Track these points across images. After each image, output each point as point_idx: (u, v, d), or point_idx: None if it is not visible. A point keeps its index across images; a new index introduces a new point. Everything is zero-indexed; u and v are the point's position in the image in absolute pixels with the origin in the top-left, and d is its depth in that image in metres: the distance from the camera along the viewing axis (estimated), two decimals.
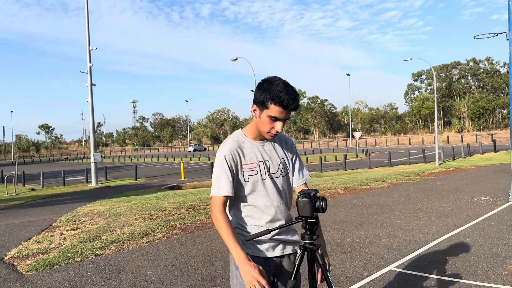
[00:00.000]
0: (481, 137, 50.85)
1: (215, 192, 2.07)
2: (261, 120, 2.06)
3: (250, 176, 2.12)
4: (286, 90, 2.02)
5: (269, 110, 2.02)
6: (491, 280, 4.28)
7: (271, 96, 2.00)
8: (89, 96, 22.87)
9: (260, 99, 2.04)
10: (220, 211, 2.05)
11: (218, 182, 2.07)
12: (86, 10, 22.96)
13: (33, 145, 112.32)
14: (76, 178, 28.01)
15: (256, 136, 2.16)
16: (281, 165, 2.21)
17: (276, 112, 2.02)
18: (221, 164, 2.07)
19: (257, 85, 2.11)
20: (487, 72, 79.81)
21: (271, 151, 2.19)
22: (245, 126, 2.22)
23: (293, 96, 2.02)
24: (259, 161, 2.13)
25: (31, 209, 12.29)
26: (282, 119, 2.05)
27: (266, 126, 2.07)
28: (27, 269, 5.33)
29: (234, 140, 2.12)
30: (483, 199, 9.48)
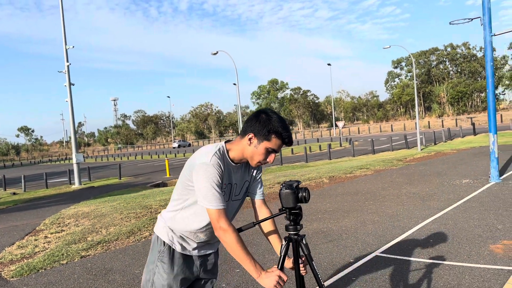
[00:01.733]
0: (461, 121, 51.82)
1: (218, 204, 1.98)
2: (258, 150, 2.07)
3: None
4: (286, 127, 2.08)
5: (270, 142, 2.05)
6: (474, 260, 4.38)
7: (275, 131, 2.04)
8: (68, 96, 22.47)
9: (263, 131, 2.04)
10: (230, 224, 2.02)
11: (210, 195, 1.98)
12: (61, 8, 22.47)
13: (13, 148, 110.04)
14: (59, 180, 27.59)
15: (236, 159, 2.13)
16: (244, 188, 2.26)
17: (276, 146, 2.07)
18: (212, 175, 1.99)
19: (254, 114, 2.11)
20: (464, 57, 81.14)
21: (240, 175, 2.20)
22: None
23: (291, 134, 2.11)
24: (228, 183, 2.13)
25: (13, 213, 12.07)
26: (278, 151, 2.12)
27: (261, 157, 2.08)
28: (11, 274, 5.23)
29: (221, 159, 2.06)
30: (464, 181, 9.68)
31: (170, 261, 2.18)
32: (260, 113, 2.10)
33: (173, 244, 2.20)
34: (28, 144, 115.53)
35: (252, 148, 2.08)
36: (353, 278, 4.18)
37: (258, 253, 5.28)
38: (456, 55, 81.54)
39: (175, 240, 2.21)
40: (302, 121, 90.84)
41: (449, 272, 4.11)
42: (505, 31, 9.85)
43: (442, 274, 4.08)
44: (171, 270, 2.17)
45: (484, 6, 9.44)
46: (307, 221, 6.81)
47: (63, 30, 22.44)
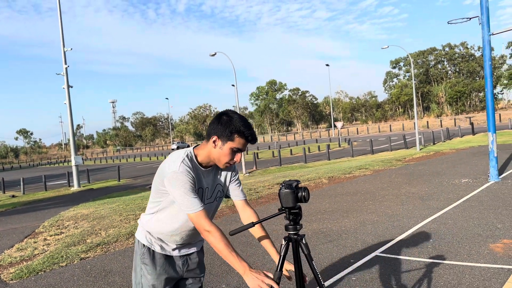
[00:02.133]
0: (459, 120, 51.88)
1: (196, 207, 2.02)
2: (223, 151, 2.11)
3: None
4: (248, 125, 2.13)
5: (233, 142, 2.09)
6: (474, 259, 4.38)
7: (237, 130, 2.08)
8: (67, 98, 22.45)
9: (225, 132, 2.09)
10: (212, 224, 2.04)
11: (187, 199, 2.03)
12: (59, 11, 22.47)
13: (12, 151, 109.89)
14: (58, 182, 27.54)
15: (204, 163, 2.18)
16: (218, 191, 2.28)
17: (240, 145, 2.11)
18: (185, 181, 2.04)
19: (215, 117, 2.15)
20: (462, 56, 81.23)
21: (211, 178, 2.24)
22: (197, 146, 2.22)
23: (253, 130, 2.16)
24: (199, 187, 2.16)
25: (12, 216, 12.04)
26: (243, 150, 2.15)
27: (227, 157, 2.12)
28: (11, 277, 5.22)
29: (191, 163, 2.11)
30: (464, 181, 9.68)
31: (152, 262, 2.24)
32: (221, 115, 2.14)
33: (152, 245, 2.25)
34: (27, 146, 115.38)
35: (217, 150, 2.12)
36: (353, 278, 4.18)
37: (258, 254, 5.28)
38: (454, 55, 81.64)
39: (153, 241, 2.26)
40: (301, 121, 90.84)
41: (449, 272, 4.11)
42: (503, 30, 9.87)
43: (442, 273, 4.08)
44: (154, 271, 2.23)
45: (482, 6, 9.46)
46: (306, 221, 6.81)
47: (61, 33, 22.44)
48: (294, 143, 50.48)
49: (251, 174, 21.75)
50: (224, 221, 7.48)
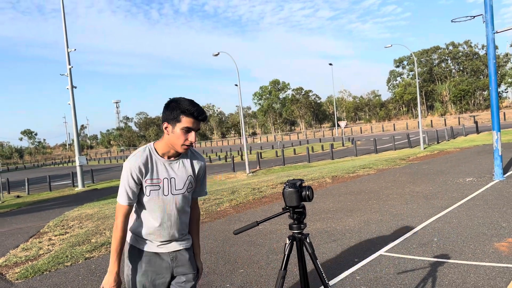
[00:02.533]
0: (463, 119, 51.68)
1: (121, 200, 2.20)
2: (175, 134, 2.18)
3: (151, 191, 2.22)
4: (193, 103, 2.20)
5: (181, 123, 2.16)
6: (479, 258, 4.37)
7: (181, 110, 2.16)
8: (71, 98, 22.54)
9: (172, 115, 2.18)
10: (121, 220, 2.20)
11: (121, 192, 2.20)
12: (62, 12, 22.55)
13: (16, 151, 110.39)
14: (62, 182, 27.65)
15: (165, 153, 2.25)
16: (188, 182, 2.31)
17: (188, 123, 2.16)
18: (127, 175, 2.18)
19: (164, 106, 2.23)
20: (466, 55, 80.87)
21: (179, 169, 2.28)
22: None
23: (200, 108, 2.21)
24: (164, 178, 2.23)
25: (17, 216, 12.11)
26: (194, 129, 2.19)
27: (180, 139, 2.18)
28: (16, 277, 5.25)
29: (143, 156, 2.21)
30: (468, 180, 9.65)
31: (138, 260, 2.29)
32: (169, 102, 2.22)
33: (138, 243, 2.30)
34: (32, 147, 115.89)
35: (171, 135, 2.19)
36: (358, 277, 4.18)
37: (262, 253, 5.28)
38: (458, 53, 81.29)
39: (139, 239, 2.31)
40: (304, 121, 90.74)
41: (454, 271, 4.09)
42: (508, 28, 9.82)
43: (447, 272, 4.07)
44: (140, 268, 2.28)
45: (486, 4, 9.41)
46: (310, 221, 6.80)
47: (64, 33, 22.51)
48: (298, 142, 50.44)
49: (255, 174, 21.75)
50: (227, 221, 7.49)
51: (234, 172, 24.00)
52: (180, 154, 2.28)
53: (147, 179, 2.20)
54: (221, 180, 19.92)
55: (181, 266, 2.35)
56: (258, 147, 49.54)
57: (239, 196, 10.12)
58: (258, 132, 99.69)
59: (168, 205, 2.24)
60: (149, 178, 2.20)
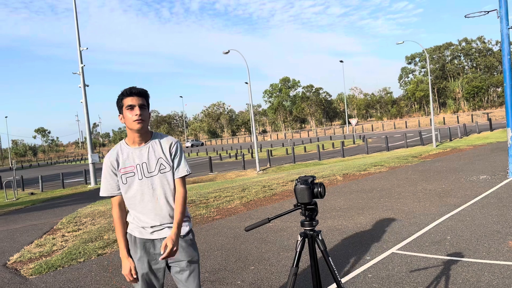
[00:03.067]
0: (476, 116, 50.99)
1: (101, 193, 2.50)
2: (125, 117, 2.43)
3: (127, 178, 2.45)
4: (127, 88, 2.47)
5: (124, 105, 2.43)
6: (493, 257, 4.31)
7: (120, 96, 2.46)
8: (83, 97, 22.75)
9: (118, 105, 2.48)
10: (113, 211, 2.49)
11: (102, 185, 2.49)
12: (75, 11, 22.75)
13: (30, 149, 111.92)
14: (75, 180, 27.96)
15: (133, 142, 2.49)
16: (159, 164, 2.47)
17: (128, 101, 2.42)
18: (104, 170, 2.48)
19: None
20: (479, 51, 79.77)
21: (148, 153, 2.47)
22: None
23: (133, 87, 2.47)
24: (136, 164, 2.45)
25: (31, 213, 12.28)
26: (136, 104, 2.42)
27: (129, 118, 2.41)
28: (30, 272, 5.33)
29: (114, 150, 2.50)
30: (482, 177, 9.52)
31: (134, 247, 2.47)
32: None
33: (132, 231, 2.49)
34: (45, 145, 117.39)
35: (124, 120, 2.45)
36: (369, 275, 4.15)
37: (273, 250, 5.28)
38: (471, 49, 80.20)
39: (133, 227, 2.50)
40: (315, 119, 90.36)
41: (468, 269, 4.04)
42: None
43: (460, 271, 4.02)
44: (135, 255, 2.46)
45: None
46: (321, 218, 6.78)
47: (77, 32, 22.72)
48: (308, 140, 50.28)
49: (265, 172, 21.75)
50: (238, 218, 7.50)
51: (244, 169, 24.03)
52: (149, 139, 2.49)
53: (120, 168, 2.44)
54: (232, 178, 19.96)
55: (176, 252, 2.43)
56: (268, 145, 49.53)
57: (250, 194, 10.13)
58: (268, 130, 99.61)
59: (146, 188, 2.43)
60: (122, 167, 2.44)
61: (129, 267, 2.42)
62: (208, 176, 20.88)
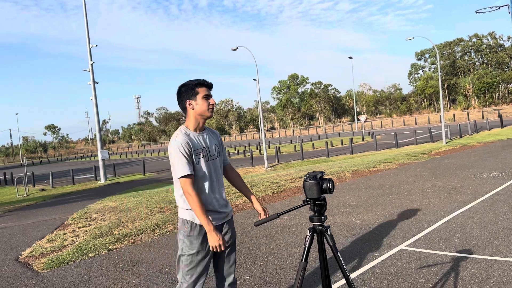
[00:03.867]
0: (487, 113, 50.45)
1: (181, 173, 2.52)
2: (199, 104, 2.65)
3: (200, 159, 2.63)
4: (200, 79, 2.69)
5: (200, 93, 2.65)
6: (503, 254, 4.28)
7: (195, 84, 2.66)
8: (93, 94, 22.93)
9: (190, 93, 2.65)
10: (192, 189, 2.53)
11: (181, 165, 2.53)
12: (84, 8, 22.90)
13: (41, 146, 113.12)
14: (85, 176, 28.22)
15: (196, 128, 2.70)
16: (216, 150, 2.77)
17: (206, 91, 2.67)
18: (179, 151, 2.55)
19: (177, 93, 2.71)
20: (490, 47, 78.72)
21: (208, 140, 2.74)
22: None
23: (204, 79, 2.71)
24: (203, 147, 2.67)
25: (42, 209, 12.44)
26: (211, 95, 2.70)
27: (205, 105, 2.65)
28: (42, 267, 5.41)
29: (184, 133, 2.64)
30: (492, 174, 9.44)
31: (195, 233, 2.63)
32: (180, 88, 2.70)
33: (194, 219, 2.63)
34: (55, 141, 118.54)
35: (196, 107, 2.65)
36: (378, 271, 4.15)
37: (281, 246, 5.30)
38: (482, 45, 79.20)
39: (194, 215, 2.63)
40: (323, 115, 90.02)
41: (477, 266, 4.03)
42: None
43: (470, 267, 4.01)
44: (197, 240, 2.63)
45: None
46: (329, 215, 6.78)
47: (86, 30, 22.88)
48: (317, 137, 50.17)
49: (273, 168, 21.76)
50: (247, 214, 7.53)
51: (252, 166, 24.06)
52: (205, 129, 2.74)
53: (194, 149, 2.60)
54: (240, 175, 20.02)
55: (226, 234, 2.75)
56: (277, 141, 49.50)
57: (258, 190, 10.15)
58: (277, 126, 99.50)
59: (211, 169, 2.68)
60: (194, 149, 2.60)
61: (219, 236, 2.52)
62: None
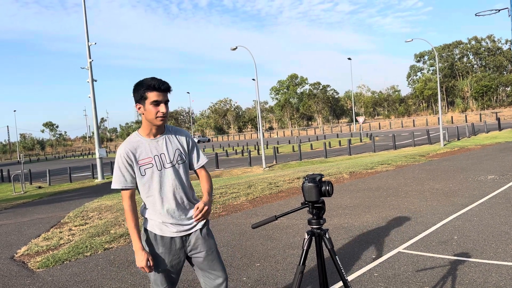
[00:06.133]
0: (485, 116, 50.55)
1: (113, 185, 2.42)
2: (147, 110, 2.35)
3: (146, 170, 2.41)
4: (154, 79, 2.36)
5: (148, 99, 2.34)
6: (501, 258, 4.27)
7: (145, 87, 2.34)
8: (91, 92, 22.86)
9: (139, 95, 2.36)
10: (126, 203, 2.41)
11: (116, 177, 2.40)
12: (83, 6, 22.83)
13: (38, 143, 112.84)
14: (82, 174, 28.14)
15: (150, 133, 2.44)
16: (177, 155, 2.49)
17: (154, 96, 2.33)
18: (118, 162, 2.40)
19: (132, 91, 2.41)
20: (489, 50, 78.98)
21: (166, 145, 2.46)
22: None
23: (161, 80, 2.37)
24: (154, 155, 2.42)
25: (39, 206, 12.38)
26: (162, 100, 2.36)
27: (152, 113, 2.35)
28: (37, 265, 5.37)
29: (129, 142, 2.43)
30: (490, 177, 9.44)
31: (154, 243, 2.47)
32: (134, 86, 2.40)
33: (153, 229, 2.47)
34: (53, 139, 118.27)
35: (145, 113, 2.37)
36: (375, 274, 4.13)
37: (279, 247, 5.27)
38: (481, 48, 79.41)
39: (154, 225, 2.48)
40: (322, 116, 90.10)
41: (475, 270, 4.01)
42: None
43: (467, 271, 3.99)
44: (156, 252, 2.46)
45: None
46: (327, 216, 6.76)
47: (85, 27, 22.81)
48: (315, 137, 50.17)
49: (271, 168, 21.74)
50: (244, 215, 7.50)
51: (250, 166, 24.03)
52: (164, 131, 2.47)
53: (139, 160, 2.39)
54: (238, 175, 19.97)
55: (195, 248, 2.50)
56: (275, 141, 49.48)
57: (256, 191, 10.13)
58: (275, 126, 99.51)
59: (165, 178, 2.42)
60: (140, 159, 2.40)
61: (146, 258, 2.36)
62: (214, 173, 20.90)
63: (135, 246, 2.40)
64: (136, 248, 2.39)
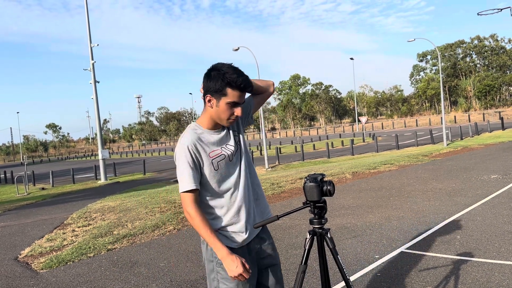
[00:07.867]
0: (488, 115, 50.38)
1: (183, 187, 2.00)
2: (220, 108, 2.01)
3: (219, 163, 2.05)
4: (238, 73, 1.99)
5: (227, 97, 1.99)
6: (504, 257, 4.26)
7: (227, 82, 1.96)
8: (94, 93, 22.93)
9: (215, 87, 1.98)
10: (193, 208, 1.99)
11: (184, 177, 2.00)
12: (86, 7, 22.91)
13: (41, 144, 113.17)
14: (85, 175, 28.20)
15: (212, 126, 2.09)
16: (237, 139, 2.17)
17: (235, 97, 1.99)
18: (183, 159, 2.00)
19: (204, 75, 2.05)
20: (492, 49, 78.64)
21: (228, 137, 2.14)
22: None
23: (246, 77, 2.01)
24: (221, 147, 2.09)
25: (42, 208, 12.42)
26: (241, 102, 2.02)
27: (226, 114, 2.02)
28: (41, 266, 5.39)
29: (193, 134, 2.05)
30: (493, 177, 9.41)
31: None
32: (210, 70, 2.02)
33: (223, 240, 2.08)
34: (56, 140, 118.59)
35: (215, 109, 2.02)
36: (378, 274, 4.13)
37: (280, 248, 5.28)
38: (484, 47, 79.12)
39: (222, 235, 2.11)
40: (324, 116, 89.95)
41: (478, 269, 4.01)
42: None
43: (470, 271, 3.99)
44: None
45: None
46: (330, 216, 6.76)
47: (88, 29, 22.89)
48: (317, 138, 50.12)
49: (274, 169, 21.74)
50: None
51: None
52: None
53: (209, 153, 2.04)
54: None
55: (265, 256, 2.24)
56: (277, 142, 49.48)
57: None
58: (277, 127, 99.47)
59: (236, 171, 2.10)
60: (210, 151, 2.04)
61: (240, 261, 1.96)
62: None
63: (221, 253, 1.97)
64: (223, 255, 1.97)
